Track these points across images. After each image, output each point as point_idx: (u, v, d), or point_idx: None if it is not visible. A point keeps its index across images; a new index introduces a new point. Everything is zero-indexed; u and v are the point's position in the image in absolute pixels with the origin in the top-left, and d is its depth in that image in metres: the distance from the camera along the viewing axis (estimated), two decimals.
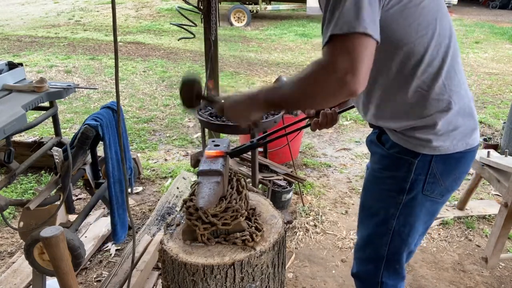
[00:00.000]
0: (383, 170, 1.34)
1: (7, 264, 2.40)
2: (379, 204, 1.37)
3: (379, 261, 1.44)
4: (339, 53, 0.99)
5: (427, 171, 1.26)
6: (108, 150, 2.12)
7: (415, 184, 1.28)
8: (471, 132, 1.26)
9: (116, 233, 2.26)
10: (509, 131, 3.70)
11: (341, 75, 0.98)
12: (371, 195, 1.42)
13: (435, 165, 1.25)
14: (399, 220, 1.34)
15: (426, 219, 1.37)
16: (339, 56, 0.99)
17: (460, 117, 1.22)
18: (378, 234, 1.41)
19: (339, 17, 0.99)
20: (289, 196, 2.90)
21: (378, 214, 1.38)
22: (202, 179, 1.34)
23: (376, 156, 1.38)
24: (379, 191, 1.36)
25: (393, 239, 1.38)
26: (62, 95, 2.20)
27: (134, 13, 12.03)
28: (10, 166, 2.07)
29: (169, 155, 3.90)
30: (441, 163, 1.25)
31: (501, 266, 2.48)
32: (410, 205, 1.31)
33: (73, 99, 5.30)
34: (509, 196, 2.19)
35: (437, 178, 1.27)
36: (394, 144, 1.28)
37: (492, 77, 6.54)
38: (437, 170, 1.26)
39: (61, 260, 1.27)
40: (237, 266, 1.32)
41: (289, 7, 11.87)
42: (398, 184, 1.30)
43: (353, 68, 0.97)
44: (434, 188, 1.29)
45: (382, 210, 1.36)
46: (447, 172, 1.28)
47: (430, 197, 1.31)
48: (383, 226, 1.37)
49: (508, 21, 11.69)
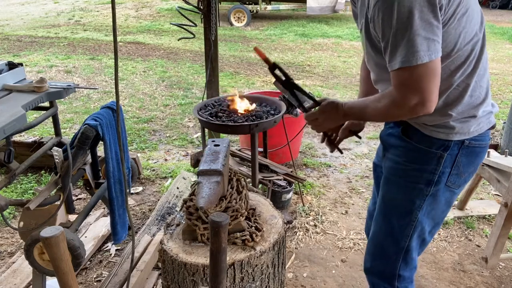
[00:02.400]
0: (410, 163, 1.37)
1: (7, 264, 2.40)
2: (404, 196, 1.40)
3: (399, 254, 1.46)
4: (408, 90, 1.14)
5: (452, 164, 1.33)
6: (108, 150, 2.12)
7: (442, 176, 1.34)
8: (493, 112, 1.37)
9: (116, 233, 2.26)
10: (509, 131, 3.70)
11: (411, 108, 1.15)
12: (396, 188, 1.44)
13: (460, 158, 1.33)
14: (423, 211, 1.39)
15: (444, 209, 1.43)
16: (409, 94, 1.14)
17: (488, 107, 1.33)
18: (401, 225, 1.43)
19: (401, 50, 1.11)
20: (289, 196, 2.90)
21: (401, 206, 1.42)
22: (202, 179, 1.34)
23: (399, 149, 1.41)
24: (404, 183, 1.39)
25: (415, 230, 1.42)
26: (62, 95, 2.20)
27: (134, 13, 12.03)
28: (10, 166, 2.07)
29: (169, 155, 3.90)
30: (465, 156, 1.33)
31: (501, 266, 2.48)
32: (434, 197, 1.37)
33: (73, 99, 5.30)
34: (509, 196, 2.19)
35: (460, 170, 1.35)
36: (423, 137, 1.33)
37: (492, 77, 6.53)
38: (461, 163, 1.34)
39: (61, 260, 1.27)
40: (237, 266, 1.32)
41: (289, 7, 11.86)
42: (426, 177, 1.35)
43: (423, 100, 1.13)
44: (456, 179, 1.37)
45: (408, 202, 1.39)
46: (468, 164, 1.36)
47: (451, 188, 1.38)
48: (407, 217, 1.41)
49: (508, 21, 11.68)
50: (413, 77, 1.11)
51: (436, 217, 1.43)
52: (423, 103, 1.13)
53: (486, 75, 1.30)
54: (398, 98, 1.16)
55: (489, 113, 1.34)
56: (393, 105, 1.19)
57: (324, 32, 9.96)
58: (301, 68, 7.06)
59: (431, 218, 1.42)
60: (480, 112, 1.30)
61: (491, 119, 1.35)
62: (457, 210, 2.99)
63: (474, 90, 1.27)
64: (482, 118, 1.32)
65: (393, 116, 1.26)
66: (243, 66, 7.10)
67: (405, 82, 1.13)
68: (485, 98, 1.30)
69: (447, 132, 1.30)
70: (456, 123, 1.29)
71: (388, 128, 1.48)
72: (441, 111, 1.28)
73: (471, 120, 1.29)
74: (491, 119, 1.35)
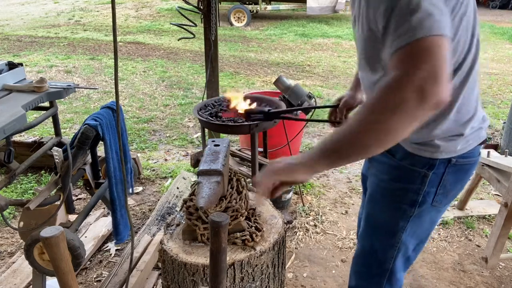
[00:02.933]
0: (393, 181, 1.27)
1: (7, 264, 2.40)
2: (388, 217, 1.32)
3: (383, 275, 1.39)
4: (411, 62, 0.83)
5: (438, 183, 1.23)
6: (108, 150, 2.12)
7: (427, 197, 1.24)
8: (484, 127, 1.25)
9: (118, 233, 2.26)
10: (509, 131, 3.70)
11: (418, 85, 0.81)
12: (379, 207, 1.35)
13: (447, 177, 1.22)
14: (407, 232, 1.30)
15: (429, 227, 1.35)
16: (412, 65, 0.83)
17: (477, 123, 1.21)
18: (384, 247, 1.36)
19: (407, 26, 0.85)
20: (289, 196, 2.90)
21: (385, 227, 1.34)
22: (202, 178, 1.34)
23: (383, 166, 1.31)
24: (387, 203, 1.31)
25: (399, 252, 1.34)
26: (62, 95, 2.20)
27: (134, 13, 12.02)
28: (10, 166, 2.07)
29: (169, 155, 3.90)
30: (452, 174, 1.23)
31: (501, 266, 2.48)
32: (419, 217, 1.28)
33: (73, 99, 5.30)
34: (509, 196, 2.19)
35: (446, 189, 1.25)
36: (407, 154, 1.22)
37: (492, 77, 6.54)
38: (447, 182, 1.23)
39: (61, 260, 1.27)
40: (237, 266, 1.32)
41: (289, 7, 11.86)
42: (410, 197, 1.25)
43: (433, 73, 0.81)
44: (443, 198, 1.27)
45: (391, 223, 1.31)
46: (455, 182, 1.26)
47: (437, 207, 1.29)
48: (391, 239, 1.33)
49: (508, 21, 11.68)
50: (426, 46, 0.83)
51: (421, 235, 1.35)
52: (433, 77, 0.81)
53: (476, 90, 1.17)
54: (396, 73, 0.84)
55: (479, 129, 1.21)
56: (389, 85, 0.85)
57: (324, 32, 9.96)
58: (301, 68, 7.06)
59: (415, 237, 1.34)
60: (467, 130, 1.17)
61: (481, 134, 1.23)
62: (457, 210, 2.99)
63: (461, 106, 1.13)
64: (471, 135, 1.19)
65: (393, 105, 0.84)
66: (243, 66, 7.10)
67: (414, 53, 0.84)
68: (473, 114, 1.17)
69: (432, 151, 1.18)
70: (441, 142, 1.17)
71: None
72: (424, 128, 1.15)
73: (457, 139, 1.17)
74: (481, 134, 1.23)
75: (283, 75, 2.48)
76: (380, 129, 0.86)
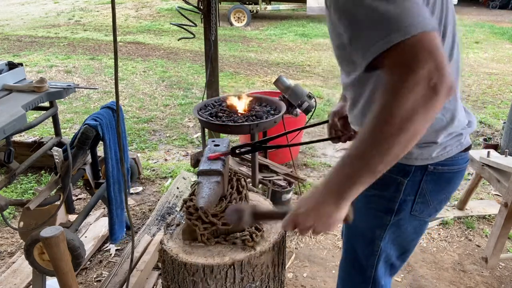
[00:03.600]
0: (370, 188, 1.19)
1: (7, 264, 2.40)
2: (365, 224, 1.28)
3: (366, 283, 1.37)
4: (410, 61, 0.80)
5: (416, 191, 1.18)
6: (108, 150, 2.12)
7: (403, 205, 1.20)
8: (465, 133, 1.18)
9: (113, 232, 2.26)
10: (509, 131, 3.70)
11: (428, 82, 0.79)
12: (358, 214, 1.28)
13: (425, 185, 1.18)
14: (386, 240, 1.27)
15: (414, 237, 1.31)
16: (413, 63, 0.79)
17: (457, 129, 1.15)
18: (365, 255, 1.33)
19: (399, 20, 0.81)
20: (289, 196, 2.90)
21: (363, 234, 1.30)
22: (202, 179, 1.34)
23: None
24: (365, 210, 1.25)
25: (379, 259, 1.31)
26: (62, 95, 2.20)
27: (134, 13, 12.03)
28: (10, 166, 2.07)
29: (169, 155, 3.90)
30: (432, 183, 1.18)
31: (501, 266, 2.48)
32: (397, 226, 1.24)
33: (73, 99, 5.30)
34: (509, 196, 2.19)
35: (426, 198, 1.20)
36: None
37: (492, 77, 6.54)
38: (427, 190, 1.19)
39: (61, 260, 1.27)
40: (237, 266, 1.32)
41: (289, 7, 11.87)
42: (386, 204, 1.21)
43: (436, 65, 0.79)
44: (423, 208, 1.22)
45: (368, 231, 1.28)
46: (437, 192, 1.21)
47: (418, 217, 1.24)
48: (369, 246, 1.30)
49: (508, 21, 11.69)
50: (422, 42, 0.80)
51: (405, 245, 1.30)
52: (437, 68, 0.78)
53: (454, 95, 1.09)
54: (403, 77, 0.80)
55: (458, 136, 1.15)
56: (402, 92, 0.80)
57: (324, 32, 9.95)
58: (301, 68, 7.06)
59: (397, 245, 1.29)
60: (441, 138, 1.11)
61: (463, 141, 1.16)
62: (457, 210, 2.99)
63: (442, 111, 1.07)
64: (448, 142, 1.13)
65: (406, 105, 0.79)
66: (243, 66, 7.10)
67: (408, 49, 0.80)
68: (450, 122, 1.11)
69: (406, 157, 1.09)
70: (414, 149, 1.10)
71: None
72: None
73: (432, 145, 1.12)
74: (464, 141, 1.16)
75: (283, 75, 2.48)
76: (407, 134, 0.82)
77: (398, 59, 0.82)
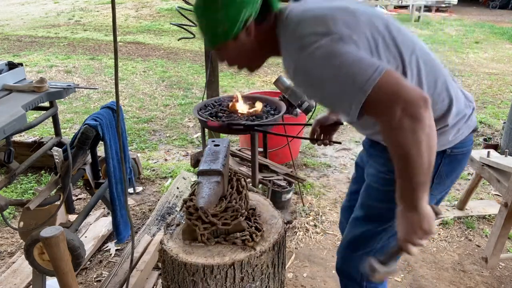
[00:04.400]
0: (392, 173, 1.28)
1: (7, 264, 2.40)
2: (385, 205, 1.36)
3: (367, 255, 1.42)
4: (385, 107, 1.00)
5: (435, 173, 1.28)
6: (108, 150, 2.12)
7: None
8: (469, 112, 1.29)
9: (119, 233, 2.27)
10: (509, 131, 3.70)
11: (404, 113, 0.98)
12: (376, 195, 1.40)
13: (443, 168, 1.29)
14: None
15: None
16: (387, 109, 0.99)
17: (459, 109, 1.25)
18: (376, 233, 1.42)
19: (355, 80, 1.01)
20: (289, 196, 2.90)
21: (381, 215, 1.39)
22: (202, 179, 1.34)
23: (381, 158, 1.36)
24: (385, 192, 1.35)
25: (391, 238, 1.41)
26: (62, 95, 2.20)
27: (134, 13, 12.02)
28: (10, 166, 2.07)
29: (169, 155, 3.90)
30: (448, 165, 1.30)
31: (501, 266, 2.48)
32: None
33: (73, 99, 5.30)
34: (509, 196, 2.19)
35: (442, 178, 1.32)
36: None
37: (492, 77, 6.54)
38: (443, 172, 1.30)
39: (61, 260, 1.27)
40: (237, 266, 1.32)
41: None
42: None
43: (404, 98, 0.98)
44: (438, 188, 1.34)
45: (387, 211, 1.34)
46: (450, 172, 1.33)
47: (432, 195, 1.33)
48: (384, 224, 1.39)
49: (508, 21, 11.69)
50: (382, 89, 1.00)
51: None
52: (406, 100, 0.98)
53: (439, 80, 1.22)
54: (388, 121, 1.01)
55: (464, 116, 1.27)
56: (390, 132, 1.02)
57: None
58: None
59: None
60: (450, 119, 1.23)
61: (469, 122, 1.29)
62: (457, 210, 2.99)
63: (435, 103, 1.19)
64: (458, 124, 1.25)
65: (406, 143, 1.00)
66: None
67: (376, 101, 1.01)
68: (450, 102, 1.22)
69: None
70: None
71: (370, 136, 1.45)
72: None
73: (446, 129, 1.24)
74: (470, 122, 1.29)
75: (283, 75, 2.48)
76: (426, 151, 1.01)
77: (375, 112, 1.03)
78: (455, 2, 12.76)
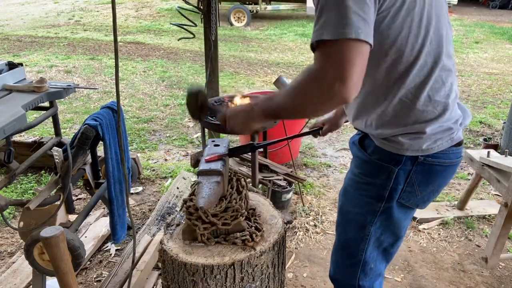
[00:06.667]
0: (363, 175, 1.30)
1: (7, 264, 2.40)
2: (357, 210, 1.35)
3: (356, 265, 1.42)
4: (326, 61, 0.97)
5: (405, 180, 1.24)
6: (108, 150, 2.12)
7: (394, 193, 1.26)
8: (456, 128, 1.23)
9: (116, 233, 2.26)
10: (509, 131, 3.70)
11: (329, 83, 0.95)
12: (349, 200, 1.39)
13: (415, 175, 1.23)
14: (376, 227, 1.33)
15: (405, 224, 1.37)
16: (327, 64, 0.97)
17: (447, 123, 1.20)
18: (355, 239, 1.39)
19: (327, 21, 0.96)
20: (289, 196, 2.90)
21: (355, 220, 1.37)
22: (202, 179, 1.34)
23: (357, 160, 1.35)
24: (357, 196, 1.34)
25: (369, 244, 1.37)
26: (62, 95, 2.20)
27: (134, 13, 12.02)
28: (10, 166, 2.07)
29: (169, 155, 3.90)
30: (421, 173, 1.24)
31: (501, 266, 2.48)
32: (387, 213, 1.30)
33: (73, 99, 5.30)
34: (509, 196, 2.19)
35: (414, 188, 1.26)
36: (376, 149, 1.25)
37: (492, 77, 6.54)
38: (415, 180, 1.24)
39: (61, 260, 1.27)
40: (237, 266, 1.32)
41: (289, 7, 11.86)
42: (377, 192, 1.27)
43: (342, 75, 0.94)
44: (410, 197, 1.28)
45: (360, 216, 1.34)
46: (425, 183, 1.26)
47: (405, 205, 1.30)
48: (361, 232, 1.36)
49: (508, 21, 11.68)
50: (340, 49, 0.95)
51: (396, 230, 1.37)
52: (342, 79, 0.94)
53: (443, 89, 1.16)
54: (315, 67, 0.99)
55: (448, 130, 1.20)
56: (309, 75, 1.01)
57: None
58: (301, 68, 7.06)
59: (389, 232, 1.36)
60: (429, 129, 1.17)
61: (453, 136, 1.21)
62: (457, 210, 2.99)
63: (426, 105, 1.15)
64: (437, 134, 1.19)
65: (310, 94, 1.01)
66: (243, 66, 7.10)
67: (329, 53, 0.96)
68: (441, 114, 1.17)
69: (397, 147, 1.20)
70: (405, 139, 1.18)
71: (355, 135, 1.42)
72: (387, 124, 1.19)
73: (421, 136, 1.18)
74: (455, 136, 1.22)
75: (283, 75, 2.48)
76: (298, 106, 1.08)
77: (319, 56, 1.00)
78: (455, 2, 12.75)
